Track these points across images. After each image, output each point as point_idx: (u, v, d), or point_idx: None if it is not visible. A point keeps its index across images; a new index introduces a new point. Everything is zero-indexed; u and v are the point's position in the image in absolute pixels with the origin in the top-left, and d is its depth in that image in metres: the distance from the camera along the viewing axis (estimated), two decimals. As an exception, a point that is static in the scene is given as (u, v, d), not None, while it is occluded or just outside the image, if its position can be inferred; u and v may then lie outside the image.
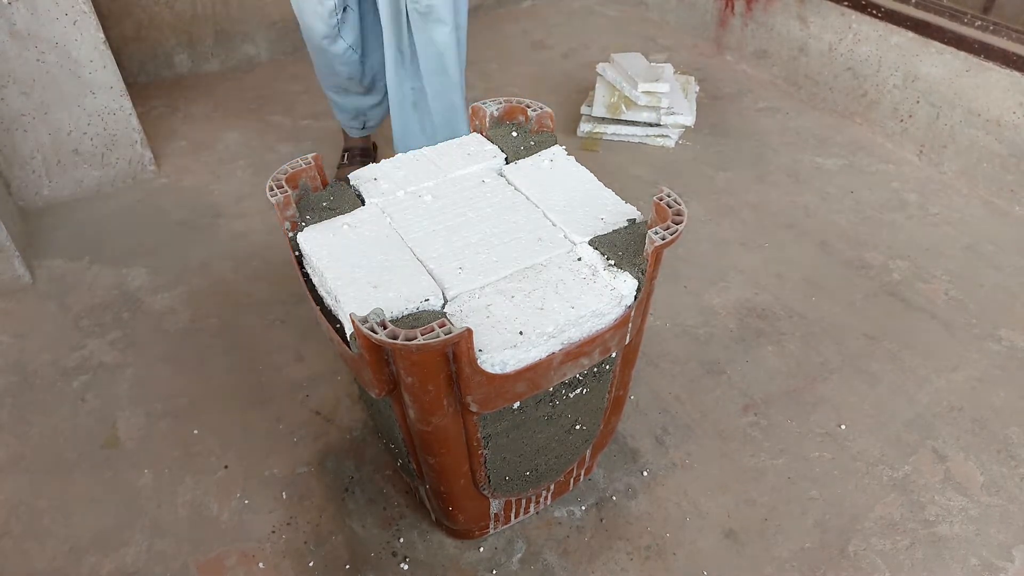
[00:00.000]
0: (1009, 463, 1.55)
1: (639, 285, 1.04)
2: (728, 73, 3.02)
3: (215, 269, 2.04)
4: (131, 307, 1.92)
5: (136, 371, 1.75)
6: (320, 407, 1.66)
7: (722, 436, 1.60)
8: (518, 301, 1.00)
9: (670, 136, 2.55)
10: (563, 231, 1.13)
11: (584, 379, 1.13)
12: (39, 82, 2.06)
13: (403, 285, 0.99)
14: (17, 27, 1.96)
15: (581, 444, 1.28)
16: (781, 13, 2.81)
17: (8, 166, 2.15)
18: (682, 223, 1.03)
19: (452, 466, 1.13)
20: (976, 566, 1.38)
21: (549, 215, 1.15)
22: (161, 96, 2.82)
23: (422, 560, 1.38)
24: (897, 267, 2.04)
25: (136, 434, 1.61)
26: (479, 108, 1.33)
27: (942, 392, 1.70)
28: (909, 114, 2.47)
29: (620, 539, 1.42)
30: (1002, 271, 2.03)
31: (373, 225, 1.11)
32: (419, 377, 0.94)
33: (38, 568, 1.37)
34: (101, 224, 2.20)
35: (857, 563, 1.38)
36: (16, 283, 1.96)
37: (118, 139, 2.27)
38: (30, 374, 1.74)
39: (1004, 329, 1.85)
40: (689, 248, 2.10)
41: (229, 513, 1.46)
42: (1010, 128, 2.20)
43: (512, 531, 1.43)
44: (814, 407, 1.67)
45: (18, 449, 1.58)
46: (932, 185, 2.37)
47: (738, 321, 1.88)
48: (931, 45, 2.34)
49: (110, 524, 1.44)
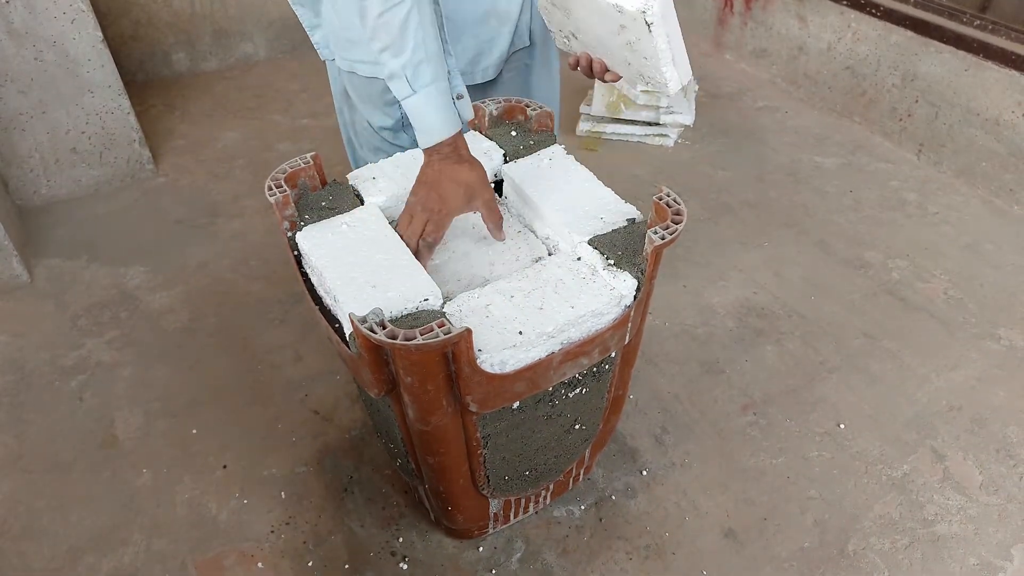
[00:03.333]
0: (1008, 462, 1.55)
1: (638, 285, 1.03)
2: (727, 72, 3.01)
3: (213, 268, 2.03)
4: (129, 306, 1.91)
5: (134, 370, 1.74)
6: (319, 407, 1.66)
7: (721, 435, 1.60)
8: (517, 301, 1.00)
9: (669, 135, 2.54)
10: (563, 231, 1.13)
11: (583, 379, 1.13)
12: (37, 81, 2.06)
13: (402, 285, 0.99)
14: (15, 26, 1.96)
15: (580, 444, 1.28)
16: (780, 12, 2.80)
17: (6, 165, 2.15)
18: (681, 223, 1.03)
19: (451, 466, 1.13)
20: (975, 565, 1.38)
21: (549, 214, 1.15)
22: (159, 95, 2.81)
23: (421, 560, 1.38)
24: (896, 266, 2.04)
25: (134, 433, 1.60)
26: (478, 107, 1.33)
27: (941, 391, 1.70)
28: (908, 113, 2.47)
29: (619, 539, 1.42)
30: (1001, 270, 2.03)
31: (372, 225, 1.11)
32: (418, 377, 0.94)
33: (36, 568, 1.37)
34: (99, 223, 2.20)
35: (856, 562, 1.38)
36: (14, 282, 1.95)
37: (116, 138, 2.26)
38: (28, 373, 1.74)
39: (1003, 328, 1.85)
40: (688, 247, 2.10)
41: (228, 513, 1.46)
42: (1009, 127, 2.20)
43: (511, 531, 1.43)
44: (813, 406, 1.66)
45: (16, 448, 1.57)
46: (931, 184, 2.37)
47: (737, 320, 1.88)
48: (930, 44, 2.34)
49: (108, 524, 1.44)
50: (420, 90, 1.00)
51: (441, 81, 1.02)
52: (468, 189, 1.05)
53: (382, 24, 0.97)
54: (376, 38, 0.99)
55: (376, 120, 1.39)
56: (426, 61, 1.00)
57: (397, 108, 1.41)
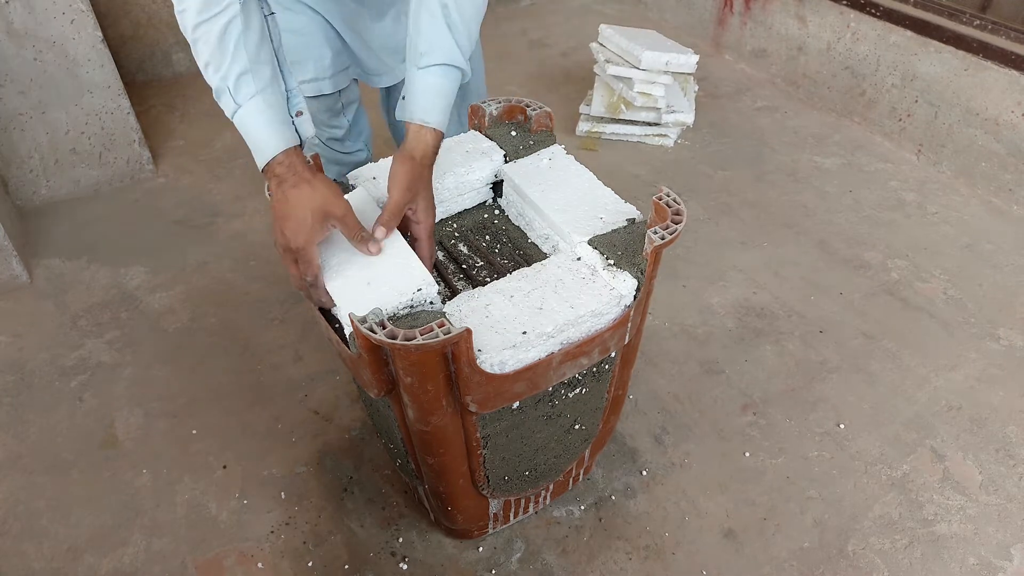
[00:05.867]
0: (1007, 462, 1.55)
1: (638, 285, 1.04)
2: (727, 72, 3.01)
3: (213, 269, 2.03)
4: (129, 306, 1.92)
5: (134, 370, 1.74)
6: (319, 406, 1.66)
7: (721, 435, 1.60)
8: (517, 301, 1.00)
9: (669, 135, 2.54)
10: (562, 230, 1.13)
11: (583, 379, 1.13)
12: (36, 81, 2.06)
13: (396, 278, 0.99)
14: (14, 26, 1.96)
15: (580, 444, 1.28)
16: (780, 12, 2.81)
17: (6, 165, 2.15)
18: (681, 223, 1.03)
19: (451, 466, 1.13)
20: (974, 565, 1.38)
21: (549, 214, 1.15)
22: (159, 95, 2.81)
23: (421, 560, 1.38)
24: (896, 266, 2.04)
25: (134, 434, 1.60)
26: (478, 107, 1.33)
27: (941, 391, 1.70)
28: (908, 113, 2.47)
29: (619, 539, 1.42)
30: (1001, 270, 2.03)
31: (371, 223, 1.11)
32: (418, 377, 0.94)
33: (36, 568, 1.37)
34: (99, 223, 2.20)
35: (856, 562, 1.38)
36: (14, 282, 1.95)
37: (116, 138, 2.26)
38: (28, 373, 1.74)
39: (1003, 328, 1.85)
40: (688, 247, 2.10)
41: (228, 513, 1.46)
42: (1008, 127, 2.20)
43: (511, 531, 1.43)
44: (813, 406, 1.67)
45: (16, 448, 1.57)
46: (931, 184, 2.37)
47: (737, 320, 1.88)
48: (930, 44, 2.34)
49: (108, 524, 1.44)
50: (244, 103, 0.95)
51: (269, 94, 0.96)
52: (315, 212, 0.96)
53: (201, 35, 0.93)
54: (197, 52, 0.95)
55: (324, 134, 1.43)
56: (249, 73, 0.94)
57: (344, 118, 1.46)
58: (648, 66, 2.42)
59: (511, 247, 1.22)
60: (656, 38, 2.59)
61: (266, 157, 0.96)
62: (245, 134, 0.97)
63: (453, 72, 1.05)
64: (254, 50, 0.94)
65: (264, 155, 0.96)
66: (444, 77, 1.05)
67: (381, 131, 2.46)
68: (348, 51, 1.37)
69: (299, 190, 0.96)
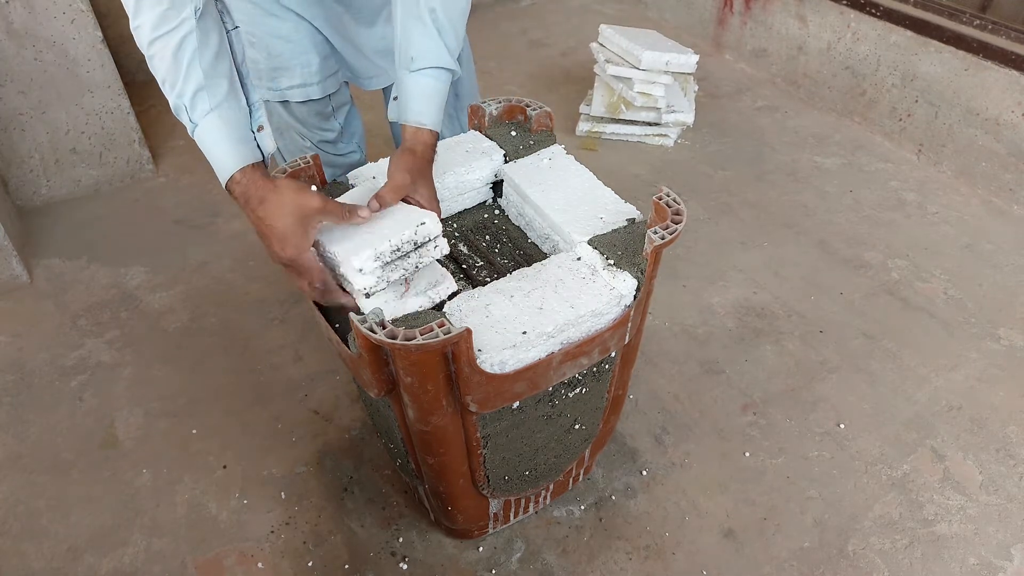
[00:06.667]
0: (1008, 462, 1.55)
1: (638, 285, 1.04)
2: (727, 72, 3.01)
3: (213, 268, 2.03)
4: (129, 306, 1.92)
5: (134, 370, 1.74)
6: (319, 406, 1.66)
7: (721, 435, 1.60)
8: (517, 301, 1.00)
9: (669, 135, 2.54)
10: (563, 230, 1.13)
11: (583, 379, 1.13)
12: (36, 81, 2.06)
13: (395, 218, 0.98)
14: (14, 26, 1.96)
15: (580, 444, 1.28)
16: (780, 12, 2.81)
17: (6, 165, 2.15)
18: (681, 223, 1.03)
19: (451, 466, 1.13)
20: (975, 565, 1.38)
21: (549, 214, 1.15)
22: (159, 95, 2.79)
23: (421, 560, 1.38)
24: (896, 266, 2.04)
25: (134, 433, 1.60)
26: (478, 107, 1.33)
27: (941, 391, 1.70)
28: (908, 113, 2.47)
29: (619, 539, 1.42)
30: (1001, 270, 2.03)
31: None
32: (418, 377, 0.94)
33: (36, 568, 1.37)
34: (99, 223, 2.20)
35: (856, 562, 1.38)
36: (14, 282, 1.96)
37: (116, 138, 2.26)
38: (28, 373, 1.74)
39: (1003, 328, 1.85)
40: (688, 247, 2.10)
41: (228, 513, 1.46)
42: (1008, 127, 2.20)
43: (511, 531, 1.43)
44: (813, 406, 1.67)
45: (16, 448, 1.57)
46: (931, 184, 2.37)
47: (737, 320, 1.88)
48: (930, 44, 2.34)
49: (108, 523, 1.44)
50: (200, 121, 0.93)
51: (226, 110, 0.93)
52: (293, 221, 0.93)
53: (156, 52, 0.90)
54: (153, 68, 0.92)
55: (316, 137, 1.42)
56: (204, 89, 0.92)
57: (335, 121, 1.45)
58: (648, 66, 2.42)
59: (511, 247, 1.22)
60: (656, 38, 2.59)
61: (224, 176, 0.95)
62: (205, 152, 0.95)
63: (444, 74, 1.07)
64: (208, 66, 0.92)
65: (222, 174, 0.95)
66: (436, 79, 1.06)
67: (380, 130, 2.47)
68: (337, 55, 1.37)
69: (266, 206, 0.94)
